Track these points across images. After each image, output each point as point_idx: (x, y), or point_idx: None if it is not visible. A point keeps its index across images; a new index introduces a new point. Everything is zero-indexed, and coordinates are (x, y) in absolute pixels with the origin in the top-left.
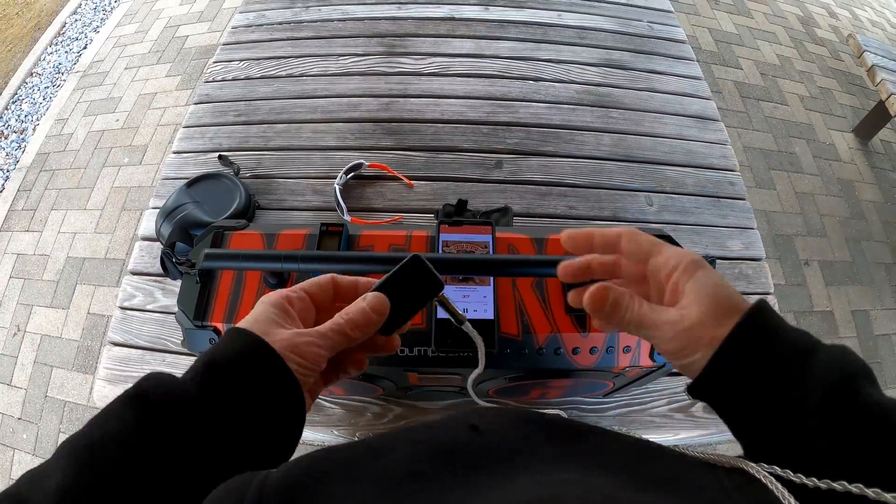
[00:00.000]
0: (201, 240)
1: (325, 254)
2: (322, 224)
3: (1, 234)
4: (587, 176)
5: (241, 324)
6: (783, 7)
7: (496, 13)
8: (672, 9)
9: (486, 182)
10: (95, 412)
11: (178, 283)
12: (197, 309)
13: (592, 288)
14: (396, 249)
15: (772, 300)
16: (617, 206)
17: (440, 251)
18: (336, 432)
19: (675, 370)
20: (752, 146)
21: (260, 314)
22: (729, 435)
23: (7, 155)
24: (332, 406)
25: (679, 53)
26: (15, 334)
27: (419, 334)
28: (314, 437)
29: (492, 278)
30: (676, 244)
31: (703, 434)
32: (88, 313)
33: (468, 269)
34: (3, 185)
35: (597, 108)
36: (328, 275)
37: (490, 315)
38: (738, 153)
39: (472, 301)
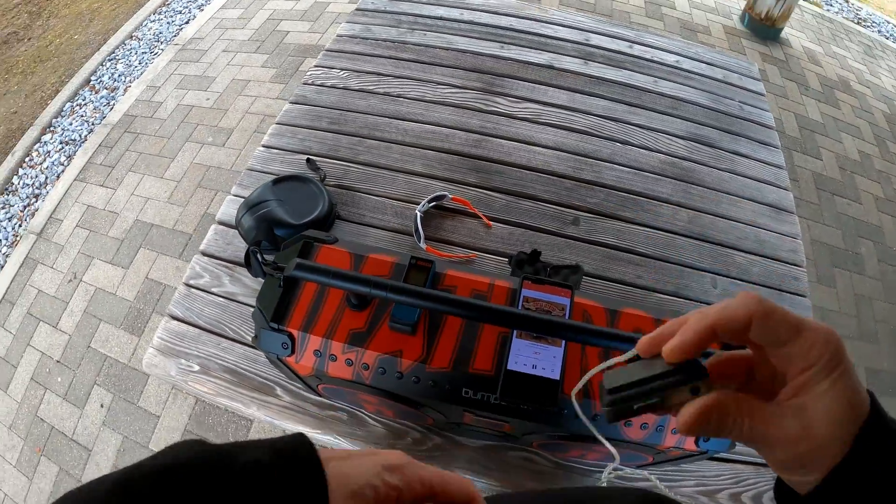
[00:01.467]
0: (290, 245)
1: (415, 289)
2: (412, 257)
3: (76, 182)
4: (658, 247)
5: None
6: (871, 102)
7: (594, 69)
8: (764, 91)
9: (560, 236)
10: (135, 373)
11: (247, 273)
12: (276, 312)
13: (689, 410)
14: (478, 296)
15: None
16: (681, 283)
17: (520, 306)
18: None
19: (716, 455)
20: (819, 240)
21: (364, 472)
22: None
23: (95, 109)
24: (376, 424)
25: (765, 139)
26: (70, 281)
27: (486, 381)
28: (352, 448)
29: (564, 341)
30: None
31: None
32: (146, 278)
33: (547, 330)
34: (86, 136)
35: (678, 182)
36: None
37: (556, 375)
38: (804, 245)
39: (542, 359)
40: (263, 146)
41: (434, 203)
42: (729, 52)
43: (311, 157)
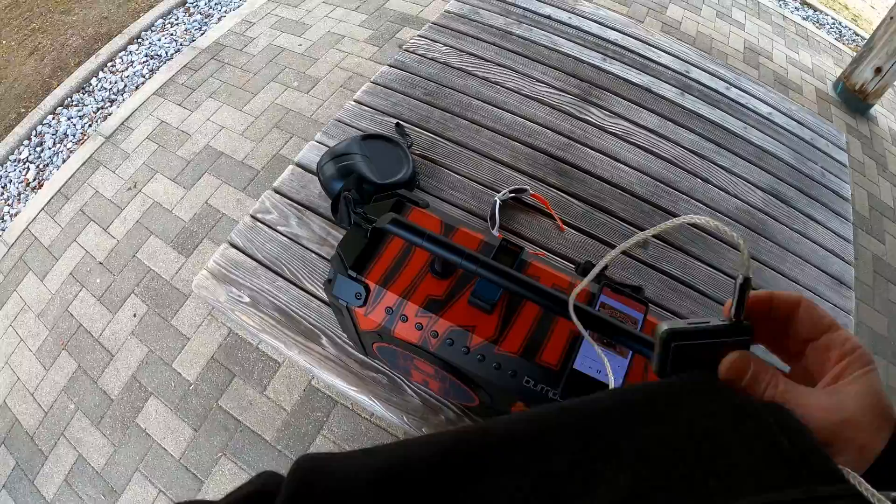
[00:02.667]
0: (382, 200)
1: (505, 269)
2: (503, 239)
3: (154, 96)
4: (718, 289)
5: None
6: None
7: (689, 102)
8: (847, 163)
9: (628, 255)
10: (174, 291)
11: (319, 218)
12: (357, 261)
13: (731, 356)
14: (559, 290)
15: None
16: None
17: (597, 309)
18: (406, 419)
19: None
20: (865, 322)
21: None
22: None
23: (186, 30)
24: (413, 395)
25: (839, 209)
26: (129, 189)
27: (550, 374)
28: (384, 414)
29: (631, 353)
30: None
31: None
32: (206, 203)
33: (620, 338)
34: (172, 54)
35: (750, 231)
36: None
37: (619, 384)
38: (851, 326)
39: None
40: (355, 101)
41: (514, 195)
42: (819, 116)
43: (400, 122)
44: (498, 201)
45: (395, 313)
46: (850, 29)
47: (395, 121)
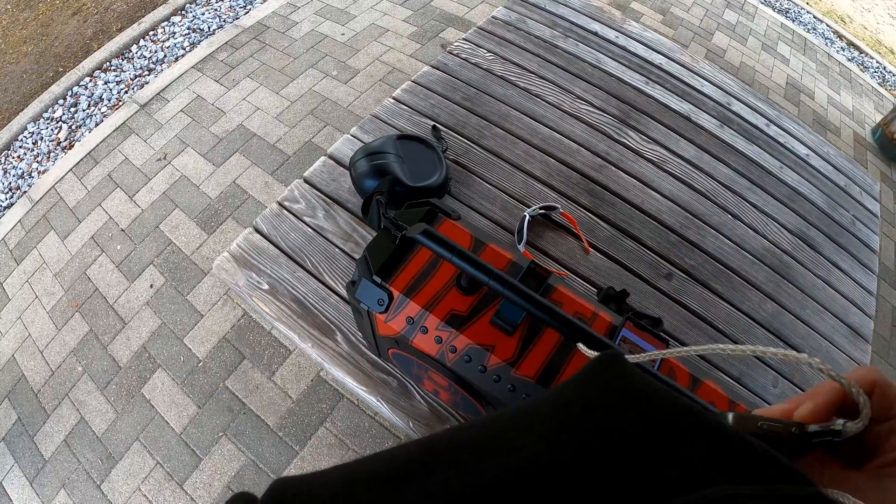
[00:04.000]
0: (413, 206)
1: (531, 294)
2: (532, 262)
3: (192, 70)
4: (736, 329)
5: None
6: None
7: (727, 135)
8: (879, 214)
9: (650, 285)
10: (193, 267)
11: (346, 213)
12: (384, 267)
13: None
14: (581, 319)
15: None
16: (745, 371)
17: (617, 342)
18: (412, 425)
19: None
20: None
21: None
22: None
23: (230, 8)
24: (421, 402)
25: (865, 260)
26: (159, 160)
27: None
28: (390, 417)
29: None
30: None
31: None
32: (234, 182)
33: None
34: (214, 30)
35: (774, 274)
36: None
37: None
38: None
39: None
40: (394, 98)
41: (544, 211)
42: (855, 161)
43: (437, 125)
44: (527, 217)
45: (415, 324)
46: (893, 75)
47: (433, 123)
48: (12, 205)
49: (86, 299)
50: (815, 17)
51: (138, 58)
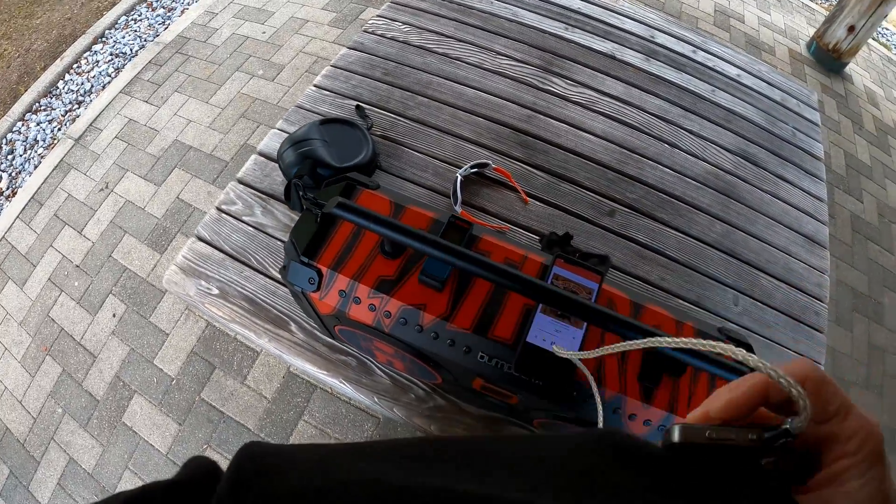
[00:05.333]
0: (332, 184)
1: (452, 246)
2: (452, 216)
3: (121, 95)
4: (687, 255)
5: None
6: None
7: (655, 67)
8: (820, 122)
9: (594, 224)
10: (151, 289)
11: (281, 207)
12: (309, 247)
13: None
14: (510, 265)
15: None
16: (704, 294)
17: (549, 281)
18: (377, 400)
19: None
20: (844, 281)
21: None
22: None
23: (149, 26)
24: (383, 376)
25: (812, 169)
26: (101, 190)
27: (504, 348)
28: (355, 396)
29: (586, 324)
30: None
31: None
32: (177, 198)
33: (573, 310)
34: (137, 51)
35: (719, 194)
36: None
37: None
38: (827, 286)
39: (562, 337)
40: (315, 86)
41: (476, 170)
42: (790, 76)
43: (361, 104)
44: (459, 178)
45: (348, 296)
46: None
47: (356, 103)
48: None
49: (53, 341)
50: None
51: (66, 93)
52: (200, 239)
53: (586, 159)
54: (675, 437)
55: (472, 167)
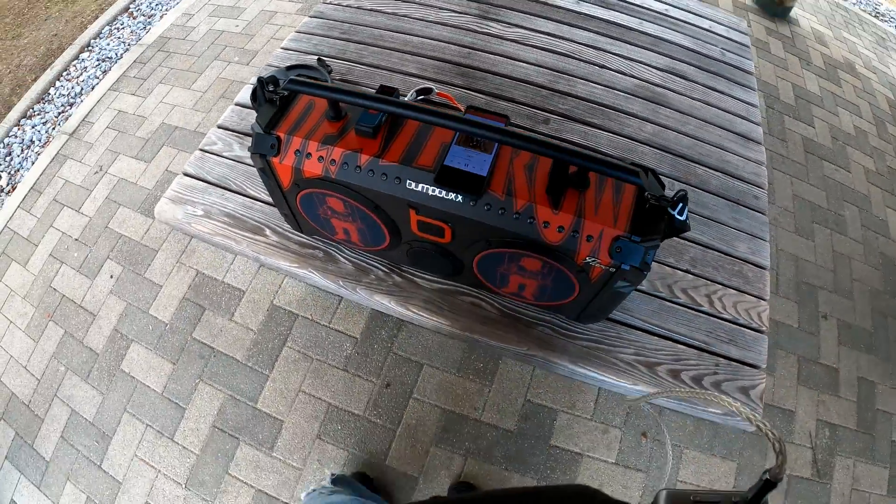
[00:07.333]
0: (289, 74)
1: (372, 94)
2: (382, 85)
3: (109, 91)
4: (620, 151)
5: None
6: (876, 86)
7: (585, 8)
8: (749, 44)
9: (530, 131)
10: (145, 249)
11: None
12: (270, 121)
13: None
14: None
15: (765, 307)
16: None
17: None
18: (342, 283)
19: (639, 287)
20: (801, 196)
21: None
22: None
23: (132, 32)
24: (346, 262)
25: (742, 81)
26: (96, 172)
27: (427, 174)
28: (323, 283)
29: (496, 147)
30: (660, 181)
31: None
32: (166, 170)
33: (488, 132)
34: (122, 54)
35: (649, 103)
36: None
37: (483, 173)
38: (785, 198)
39: (474, 161)
40: (282, 48)
41: (422, 96)
42: (717, 6)
43: (321, 57)
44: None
45: (301, 153)
46: None
47: (317, 57)
48: None
49: (56, 308)
50: None
51: (58, 97)
52: (187, 175)
53: (521, 81)
54: (662, 502)
55: (417, 92)
